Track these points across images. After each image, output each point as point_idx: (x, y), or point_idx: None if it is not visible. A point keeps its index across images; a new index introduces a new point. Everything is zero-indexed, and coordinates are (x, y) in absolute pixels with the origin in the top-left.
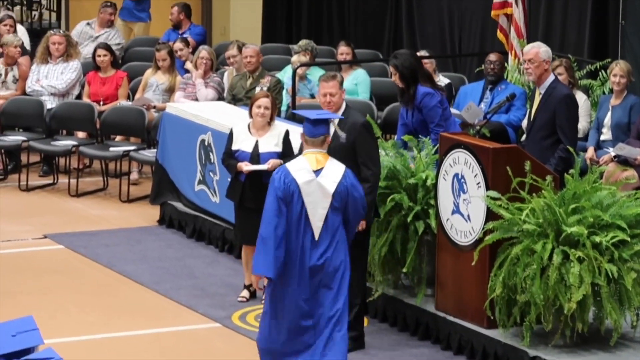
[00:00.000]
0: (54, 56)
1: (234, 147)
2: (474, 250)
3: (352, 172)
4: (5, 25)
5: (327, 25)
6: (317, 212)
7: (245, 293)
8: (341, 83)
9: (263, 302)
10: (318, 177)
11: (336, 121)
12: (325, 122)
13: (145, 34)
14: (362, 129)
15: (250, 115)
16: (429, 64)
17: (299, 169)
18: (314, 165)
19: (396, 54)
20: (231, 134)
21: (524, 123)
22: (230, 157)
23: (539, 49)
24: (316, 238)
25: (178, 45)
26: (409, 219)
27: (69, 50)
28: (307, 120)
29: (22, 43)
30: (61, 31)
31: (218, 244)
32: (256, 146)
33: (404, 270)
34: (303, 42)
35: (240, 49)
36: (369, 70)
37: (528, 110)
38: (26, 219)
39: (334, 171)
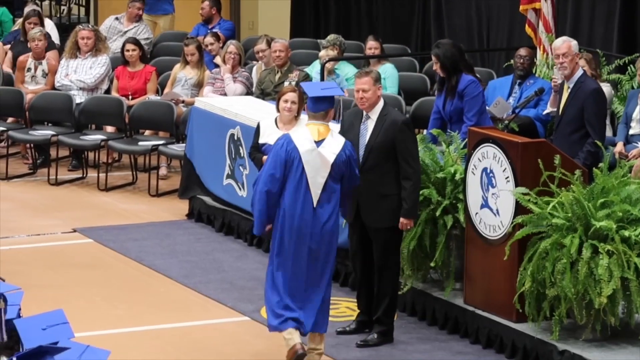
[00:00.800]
0: (83, 51)
1: (261, 141)
2: (503, 245)
3: (396, 167)
4: (30, 23)
5: (355, 20)
6: (317, 180)
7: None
8: (376, 79)
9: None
10: (319, 147)
11: (373, 115)
12: (328, 98)
13: (171, 26)
14: (403, 127)
15: (278, 110)
16: None
17: (302, 138)
18: (315, 136)
19: (438, 44)
20: (258, 128)
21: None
22: (257, 151)
23: (571, 42)
24: (314, 205)
25: (209, 39)
26: (437, 213)
27: (98, 45)
28: (311, 99)
29: (47, 35)
30: (90, 26)
31: (247, 238)
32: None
33: (433, 264)
34: (331, 37)
35: (269, 44)
36: (397, 64)
37: (556, 104)
38: (55, 213)
39: (334, 143)
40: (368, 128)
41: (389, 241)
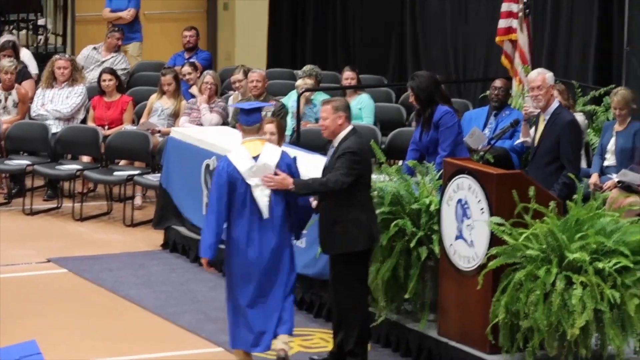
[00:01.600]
0: (59, 81)
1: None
2: (477, 276)
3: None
4: (4, 55)
5: (331, 51)
6: (263, 192)
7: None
8: (336, 108)
9: None
10: (257, 161)
11: (335, 142)
12: (258, 110)
13: (140, 53)
14: (342, 152)
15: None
16: None
17: (239, 157)
18: (252, 152)
19: (414, 76)
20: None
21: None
22: None
23: (545, 75)
24: (265, 216)
25: (187, 69)
26: (412, 245)
27: (74, 75)
28: (241, 111)
29: (17, 68)
30: (66, 55)
31: (221, 269)
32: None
33: (407, 295)
34: (307, 67)
35: (245, 74)
36: (374, 95)
37: (532, 136)
38: (30, 242)
39: (272, 153)
40: (329, 156)
41: (342, 270)
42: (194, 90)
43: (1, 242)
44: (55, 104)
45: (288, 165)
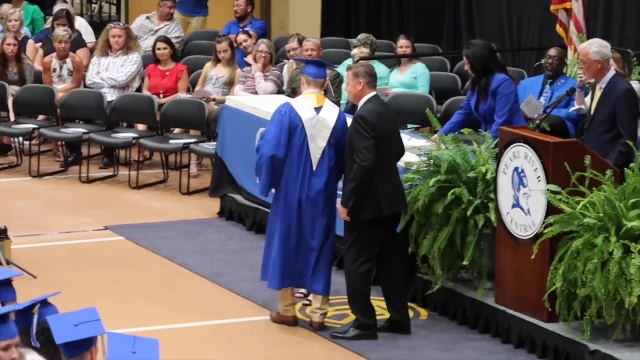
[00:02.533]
0: (114, 49)
1: None
2: (534, 244)
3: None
4: (58, 23)
5: (385, 19)
6: (317, 145)
7: (304, 289)
8: (356, 74)
9: None
10: (319, 113)
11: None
12: (324, 65)
13: (203, 27)
14: (354, 122)
15: None
16: None
17: (302, 106)
18: (315, 103)
19: (469, 44)
20: None
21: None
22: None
23: (590, 49)
24: (314, 168)
25: (242, 36)
26: (468, 213)
27: (129, 43)
28: (312, 63)
29: (72, 37)
30: (121, 24)
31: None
32: None
33: (464, 263)
34: (362, 36)
35: (300, 42)
36: (429, 64)
37: (588, 105)
38: (87, 210)
39: (332, 110)
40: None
41: (346, 235)
42: (249, 58)
43: (58, 210)
44: (111, 72)
45: (343, 123)
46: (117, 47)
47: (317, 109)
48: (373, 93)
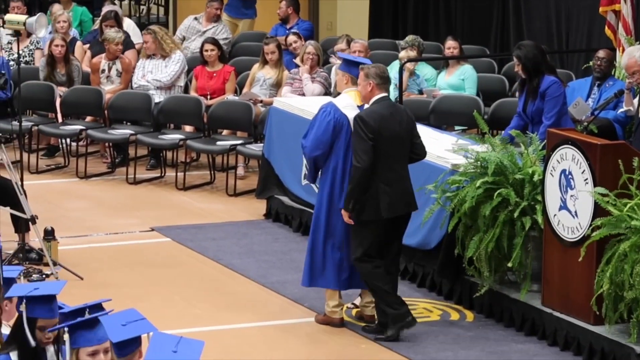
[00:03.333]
0: (149, 53)
1: None
2: (581, 246)
3: None
4: (107, 25)
5: (433, 21)
6: None
7: (357, 301)
8: (367, 75)
9: None
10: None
11: None
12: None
13: (251, 30)
14: (354, 121)
15: None
16: None
17: (346, 105)
18: (357, 101)
19: (520, 45)
20: None
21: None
22: None
23: (635, 56)
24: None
25: (292, 38)
26: (515, 215)
27: (163, 45)
28: (355, 63)
29: (124, 39)
30: (151, 29)
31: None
32: None
33: (510, 265)
34: (410, 38)
35: (349, 43)
36: (476, 65)
37: (636, 107)
38: (134, 211)
39: None
40: None
41: (352, 234)
42: (298, 60)
43: (105, 211)
44: (155, 74)
45: None
46: (149, 52)
47: (360, 107)
48: (382, 95)
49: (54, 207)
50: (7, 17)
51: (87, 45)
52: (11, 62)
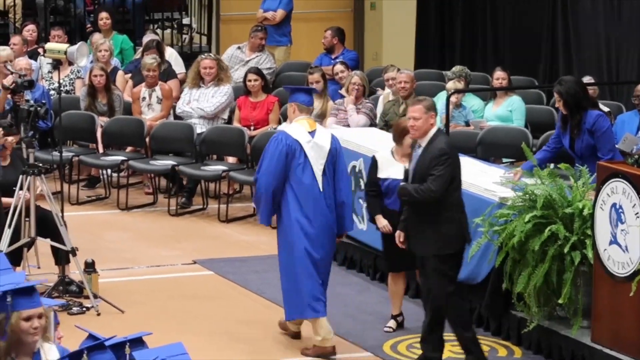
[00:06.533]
0: (206, 80)
1: (382, 175)
2: (632, 282)
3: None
4: (149, 54)
5: (481, 51)
6: (317, 167)
7: (392, 323)
8: (428, 108)
9: None
10: (314, 137)
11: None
12: (311, 93)
13: (287, 58)
14: (437, 154)
15: (398, 142)
16: (591, 91)
17: (298, 132)
18: (308, 128)
19: (561, 81)
20: (374, 162)
21: None
22: (375, 189)
23: None
24: (321, 189)
25: (339, 67)
26: (565, 250)
27: (220, 75)
28: (304, 91)
29: (162, 67)
30: (212, 55)
31: (369, 272)
32: (407, 173)
33: (560, 301)
34: (457, 68)
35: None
36: (524, 97)
37: None
38: (175, 244)
39: (325, 133)
40: (417, 155)
41: (434, 271)
42: (343, 91)
43: (146, 243)
44: (201, 103)
45: (337, 146)
46: (209, 78)
47: (312, 133)
48: (437, 126)
49: (95, 239)
50: (48, 45)
51: (129, 75)
52: (52, 92)
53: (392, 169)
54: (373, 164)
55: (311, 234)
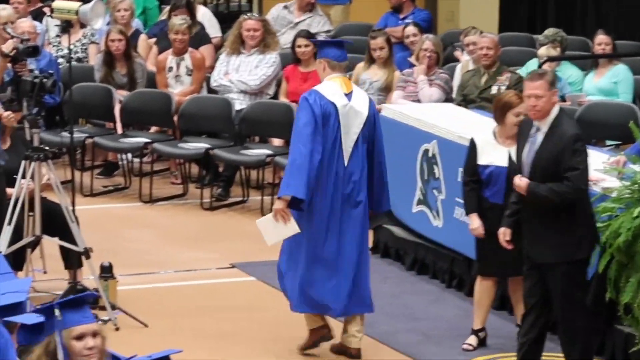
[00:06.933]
0: (248, 45)
1: (482, 162)
2: None
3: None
4: (177, 14)
5: (580, 11)
6: (349, 136)
7: (473, 340)
8: (551, 83)
9: None
10: (350, 100)
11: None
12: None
13: (344, 18)
14: (571, 140)
15: (497, 121)
16: None
17: (333, 92)
18: (344, 88)
19: None
20: (473, 146)
21: None
22: (473, 178)
23: None
24: (345, 164)
25: (411, 29)
26: None
27: (267, 40)
28: (334, 45)
29: (193, 30)
30: (257, 15)
31: (444, 278)
32: (512, 161)
33: None
34: (550, 32)
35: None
36: (632, 65)
37: None
38: (211, 244)
39: (363, 97)
40: (536, 142)
41: (563, 280)
42: (412, 59)
43: (175, 244)
44: (242, 74)
45: (375, 112)
46: (252, 43)
47: (348, 95)
48: (558, 105)
49: (113, 238)
50: (56, 4)
51: (153, 40)
52: (60, 60)
53: (495, 154)
54: (472, 148)
55: (322, 220)
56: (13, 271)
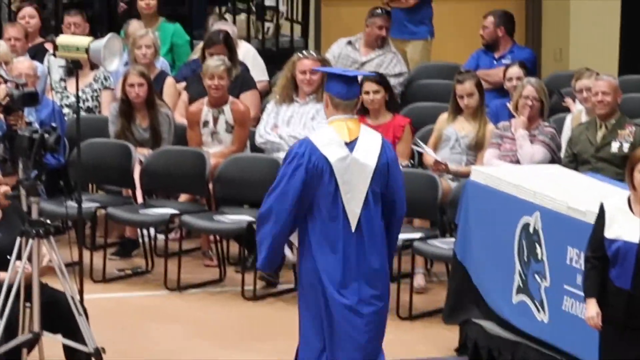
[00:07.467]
0: (303, 92)
1: (609, 235)
2: None
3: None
4: (212, 52)
5: None
6: (355, 196)
7: None
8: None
9: None
10: (353, 151)
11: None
12: (357, 81)
13: (424, 56)
14: None
15: (632, 185)
16: None
17: (328, 142)
18: (345, 136)
19: None
20: (602, 213)
21: None
22: (598, 254)
23: None
24: (352, 229)
25: (514, 70)
26: None
27: None
28: (339, 78)
29: (233, 72)
30: (313, 53)
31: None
32: None
33: None
34: None
35: None
36: None
37: None
38: (253, 342)
39: (371, 141)
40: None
41: None
42: (511, 107)
43: (210, 341)
44: (294, 128)
45: (387, 165)
46: (309, 89)
47: (351, 144)
48: None
49: (131, 335)
50: (61, 39)
51: (183, 84)
52: (65, 110)
53: (626, 226)
54: (600, 217)
55: (323, 298)
56: None
